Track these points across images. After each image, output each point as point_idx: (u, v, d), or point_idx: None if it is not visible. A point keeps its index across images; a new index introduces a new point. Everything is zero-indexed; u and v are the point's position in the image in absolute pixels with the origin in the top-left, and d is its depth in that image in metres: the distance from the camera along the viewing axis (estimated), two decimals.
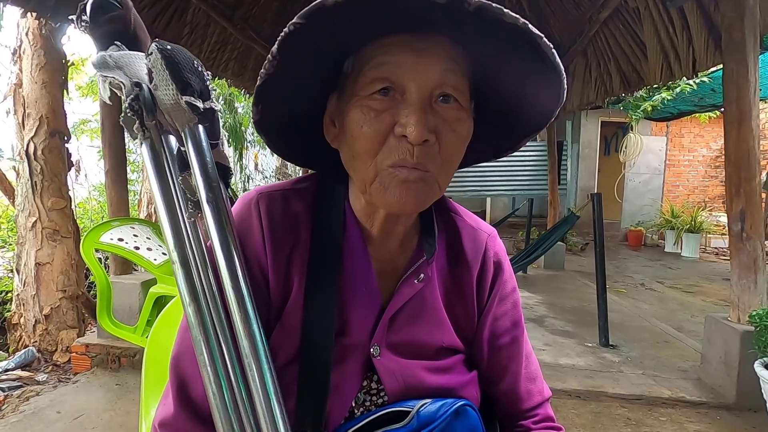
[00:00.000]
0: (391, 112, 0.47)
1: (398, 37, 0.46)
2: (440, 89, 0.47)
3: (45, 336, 2.89)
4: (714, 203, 8.58)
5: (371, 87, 0.47)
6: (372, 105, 0.47)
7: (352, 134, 0.49)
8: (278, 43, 0.42)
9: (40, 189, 2.89)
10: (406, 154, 0.47)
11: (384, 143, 0.47)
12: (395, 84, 0.47)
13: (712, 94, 5.23)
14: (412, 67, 0.46)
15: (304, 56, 0.45)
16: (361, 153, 0.49)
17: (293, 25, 0.41)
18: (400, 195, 0.48)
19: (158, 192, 0.44)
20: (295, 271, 0.54)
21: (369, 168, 0.49)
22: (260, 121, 0.51)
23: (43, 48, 2.89)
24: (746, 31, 2.16)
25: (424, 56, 0.46)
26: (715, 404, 2.28)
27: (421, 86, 0.47)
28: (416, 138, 0.45)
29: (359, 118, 0.48)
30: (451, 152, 0.50)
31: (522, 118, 0.55)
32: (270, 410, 0.40)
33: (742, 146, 2.20)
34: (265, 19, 4.31)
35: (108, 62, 0.42)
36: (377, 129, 0.47)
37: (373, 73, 0.47)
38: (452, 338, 0.60)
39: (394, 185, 0.48)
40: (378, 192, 0.49)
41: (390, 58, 0.46)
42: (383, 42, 0.47)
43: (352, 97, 0.49)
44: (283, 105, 0.50)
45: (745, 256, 2.24)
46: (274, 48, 0.43)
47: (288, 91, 0.49)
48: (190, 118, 0.42)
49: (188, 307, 0.42)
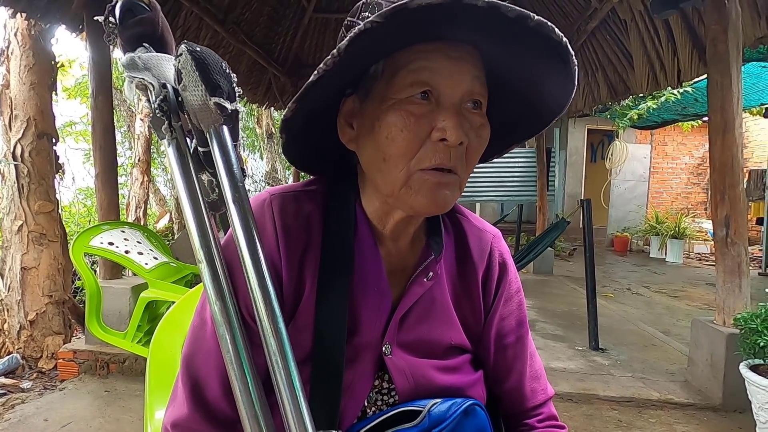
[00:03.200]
0: (429, 117, 0.48)
1: (434, 45, 0.48)
2: (470, 96, 0.50)
3: (30, 342, 2.81)
4: (696, 210, 8.79)
5: (410, 90, 0.48)
6: (411, 109, 0.48)
7: (390, 137, 0.49)
8: (349, 40, 0.42)
9: (27, 192, 2.83)
10: (443, 157, 0.48)
11: (421, 147, 0.49)
12: (433, 89, 0.48)
13: (695, 103, 5.38)
14: (448, 74, 0.48)
15: (357, 57, 0.45)
16: (395, 156, 0.49)
17: (371, 23, 0.40)
18: (430, 198, 0.50)
19: (184, 192, 0.44)
20: (308, 272, 0.55)
21: (401, 171, 0.50)
22: (290, 120, 0.50)
23: (32, 49, 2.85)
24: (729, 43, 2.23)
25: (458, 64, 0.48)
26: (702, 405, 2.33)
27: (456, 92, 0.49)
28: (455, 140, 0.47)
29: (398, 121, 0.48)
30: (475, 156, 0.52)
31: (523, 119, 0.57)
32: (297, 408, 0.40)
33: (726, 154, 2.27)
34: (257, 23, 4.32)
35: (137, 63, 0.42)
36: (416, 132, 0.48)
37: (411, 77, 0.48)
38: (461, 336, 0.61)
39: (426, 189, 0.49)
40: (407, 195, 0.50)
41: (428, 64, 0.48)
42: (419, 48, 0.48)
43: (386, 101, 0.49)
44: (309, 105, 0.50)
45: (729, 261, 2.30)
46: (343, 44, 0.42)
47: (324, 91, 0.49)
48: (216, 119, 0.42)
49: (214, 305, 0.42)
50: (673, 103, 5.46)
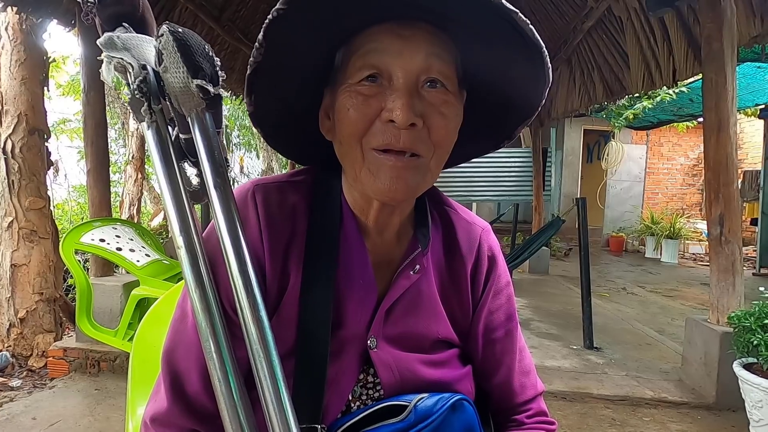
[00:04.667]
0: (379, 98, 0.48)
1: (384, 26, 0.47)
2: (426, 74, 0.48)
3: (20, 340, 2.78)
4: (691, 210, 8.84)
5: (359, 74, 0.48)
6: (360, 90, 0.48)
7: (340, 117, 0.49)
8: (263, 30, 0.43)
9: (18, 188, 2.80)
10: (392, 138, 0.47)
11: (370, 127, 0.48)
12: (382, 71, 0.48)
13: (690, 104, 5.40)
14: (397, 53, 0.47)
15: (292, 45, 0.46)
16: (346, 136, 0.49)
17: (277, 11, 0.42)
18: (390, 182, 0.48)
19: (163, 177, 0.43)
20: (292, 264, 0.54)
21: (356, 152, 0.49)
22: (254, 114, 0.51)
23: (23, 43, 2.82)
24: (724, 42, 2.24)
25: (408, 42, 0.47)
26: (695, 404, 2.33)
27: (407, 72, 0.47)
28: (403, 121, 0.46)
29: (347, 102, 0.48)
30: (442, 135, 0.50)
31: (513, 105, 0.56)
32: (279, 401, 0.39)
33: (720, 152, 2.27)
34: (252, 20, 4.29)
35: (116, 43, 0.41)
36: (364, 113, 0.48)
37: (360, 61, 0.48)
38: (448, 330, 0.60)
39: (384, 172, 0.48)
40: (368, 179, 0.50)
41: (376, 45, 0.47)
42: (370, 31, 0.48)
43: (341, 86, 0.50)
44: (278, 99, 0.51)
45: (723, 260, 2.31)
46: (260, 35, 0.43)
47: (281, 84, 0.49)
48: (198, 103, 0.41)
49: (194, 293, 0.40)
50: (668, 103, 5.48)
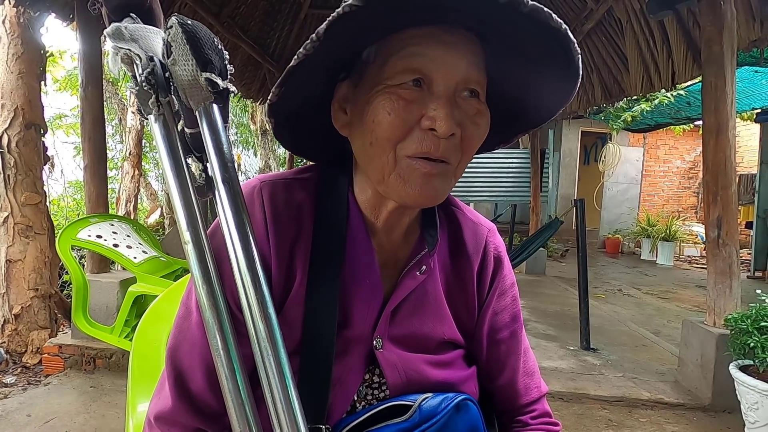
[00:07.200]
0: (420, 104, 0.46)
1: (427, 29, 0.46)
2: (465, 84, 0.47)
3: (14, 336, 2.76)
4: (687, 213, 8.89)
5: (402, 77, 0.46)
6: (402, 94, 0.47)
7: (377, 120, 0.47)
8: (328, 24, 0.40)
9: (13, 183, 2.77)
10: (431, 147, 0.46)
11: (409, 134, 0.47)
12: (425, 76, 0.46)
13: (687, 107, 5.43)
14: (441, 60, 0.46)
15: (342, 41, 0.44)
16: (382, 140, 0.47)
17: (349, 6, 0.39)
18: (421, 188, 0.48)
19: (170, 171, 0.42)
20: (298, 262, 0.53)
21: (388, 156, 0.48)
22: (275, 104, 0.49)
23: (20, 37, 2.79)
24: (724, 44, 2.25)
25: (452, 50, 0.46)
26: (692, 405, 2.34)
27: (449, 80, 0.46)
28: (445, 131, 0.45)
29: (386, 105, 0.47)
30: (472, 146, 0.50)
31: (523, 114, 0.56)
32: (287, 397, 0.38)
33: (719, 155, 2.28)
34: (252, 17, 4.28)
35: (123, 33, 0.40)
36: (405, 118, 0.46)
37: (403, 63, 0.46)
38: (453, 331, 0.60)
39: (416, 178, 0.47)
40: (397, 184, 0.48)
41: (421, 50, 0.46)
42: (412, 33, 0.46)
43: (378, 86, 0.48)
44: (299, 89, 0.49)
45: (721, 262, 2.32)
46: (322, 29, 0.41)
47: (311, 76, 0.47)
48: (207, 96, 0.40)
49: (201, 288, 0.40)
50: (666, 106, 5.51)
